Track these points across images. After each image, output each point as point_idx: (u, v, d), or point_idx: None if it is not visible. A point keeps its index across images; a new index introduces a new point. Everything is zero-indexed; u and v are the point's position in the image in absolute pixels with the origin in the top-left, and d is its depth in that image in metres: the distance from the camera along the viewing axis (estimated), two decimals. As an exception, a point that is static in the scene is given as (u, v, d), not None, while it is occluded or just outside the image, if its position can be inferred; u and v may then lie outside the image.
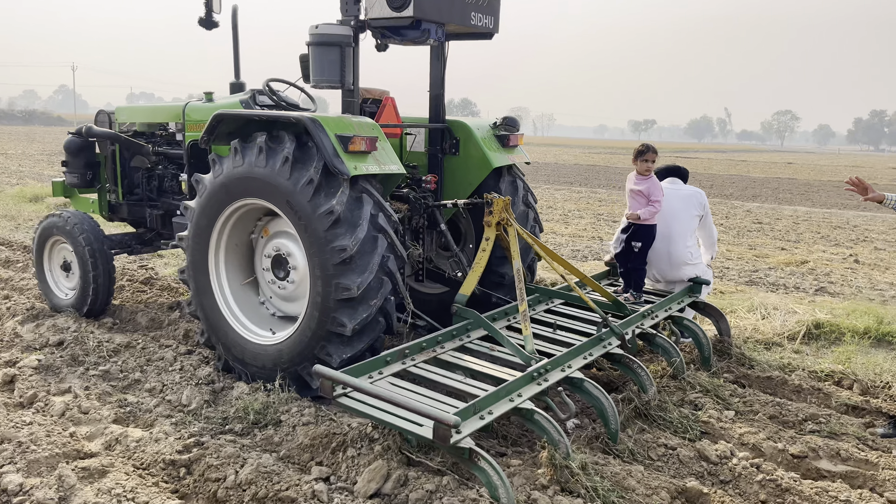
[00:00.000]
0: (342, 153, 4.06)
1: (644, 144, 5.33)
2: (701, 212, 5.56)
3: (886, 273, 10.88)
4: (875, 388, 4.86)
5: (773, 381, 4.91)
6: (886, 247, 13.50)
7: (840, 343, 5.77)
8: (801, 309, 6.32)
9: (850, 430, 4.13)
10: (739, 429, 4.02)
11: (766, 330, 5.93)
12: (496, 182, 5.33)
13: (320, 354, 4.17)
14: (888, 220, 17.79)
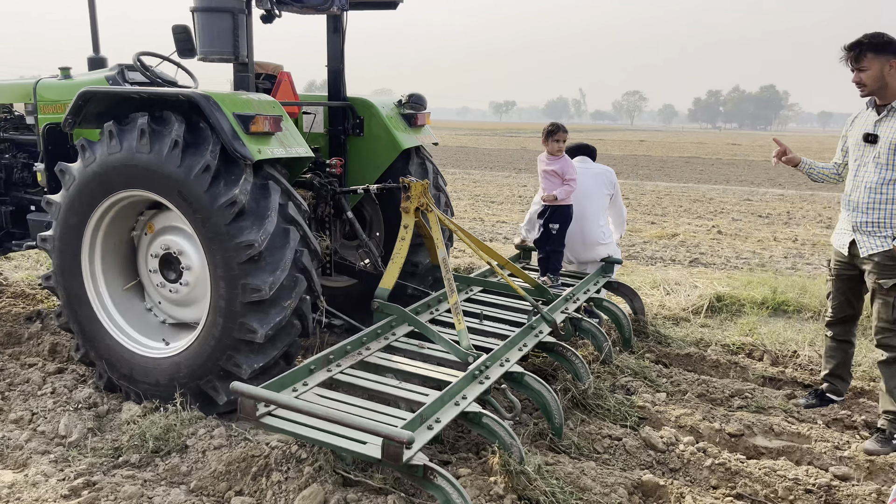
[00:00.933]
0: (243, 135, 3.55)
1: (554, 124, 5.16)
2: (611, 190, 5.48)
3: (747, 242, 11.56)
4: (784, 357, 4.99)
5: (693, 358, 4.92)
6: (742, 217, 14.40)
7: (741, 314, 5.93)
8: (700, 283, 6.45)
9: (776, 404, 4.18)
10: (674, 411, 3.94)
11: (673, 305, 5.99)
12: (405, 164, 4.97)
13: (227, 366, 3.66)
14: (738, 193, 19.09)
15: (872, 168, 3.73)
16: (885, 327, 3.73)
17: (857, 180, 3.82)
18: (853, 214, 3.82)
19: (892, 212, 3.68)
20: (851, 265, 3.93)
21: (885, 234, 3.70)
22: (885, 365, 3.77)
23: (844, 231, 3.92)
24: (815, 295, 5.97)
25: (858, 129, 3.86)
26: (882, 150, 3.68)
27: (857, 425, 3.96)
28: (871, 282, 3.78)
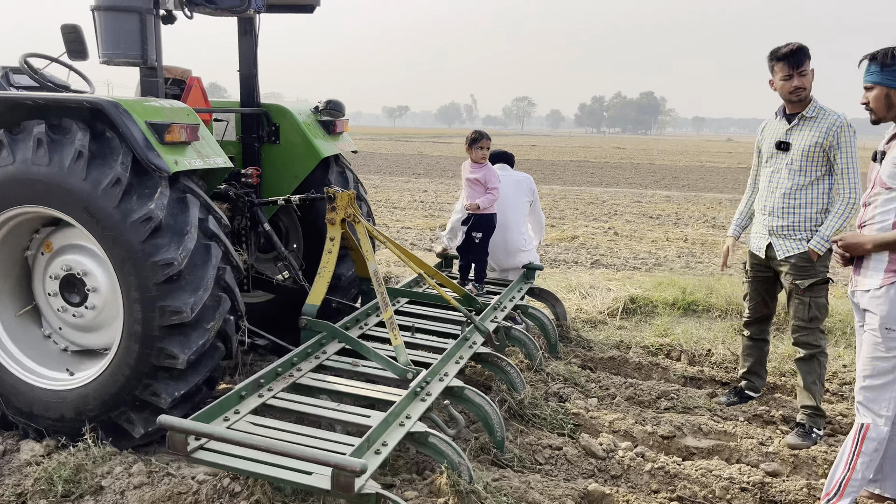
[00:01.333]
0: (157, 145, 3.28)
1: (477, 132, 5.12)
2: (531, 197, 5.51)
3: (642, 243, 12.03)
4: (700, 357, 5.17)
5: (616, 361, 5.01)
6: (635, 219, 15.00)
7: (655, 315, 6.11)
8: (614, 286, 6.61)
9: (700, 403, 4.30)
10: (607, 416, 3.98)
11: (590, 309, 6.10)
12: (324, 173, 4.78)
13: (143, 395, 3.36)
14: (628, 195, 19.89)
15: (786, 174, 3.91)
16: (802, 326, 3.92)
17: (771, 186, 3.99)
18: (769, 219, 3.99)
19: (807, 215, 3.86)
20: (767, 267, 4.10)
21: (801, 237, 3.88)
22: (802, 362, 3.95)
23: (761, 235, 4.09)
24: (722, 294, 6.24)
25: (770, 137, 4.03)
26: (795, 157, 3.86)
27: (775, 420, 4.14)
28: (787, 283, 3.96)
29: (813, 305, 3.87)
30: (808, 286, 3.85)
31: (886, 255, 2.97)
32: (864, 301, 3.06)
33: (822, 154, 3.80)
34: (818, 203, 3.86)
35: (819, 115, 3.82)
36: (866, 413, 3.02)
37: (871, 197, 3.07)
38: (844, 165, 3.75)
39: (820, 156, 3.80)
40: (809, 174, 3.84)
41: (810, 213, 3.86)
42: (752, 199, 4.27)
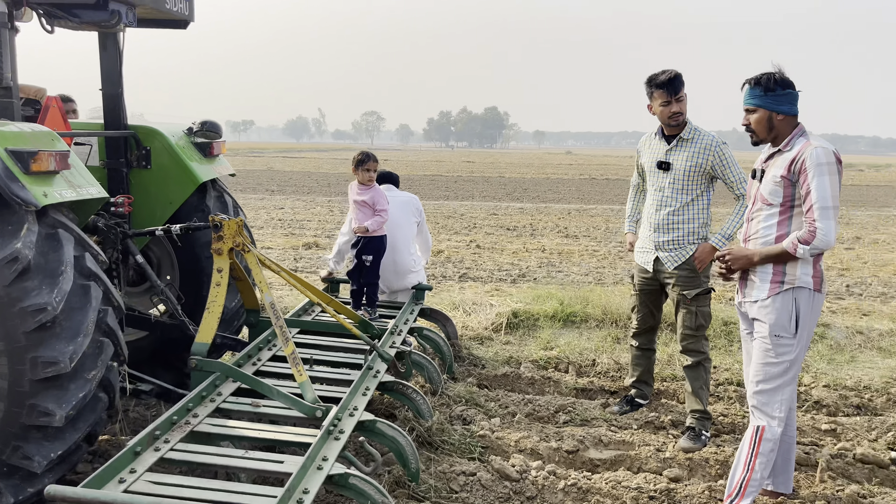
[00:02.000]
0: (21, 175, 2.89)
1: (364, 153, 5.01)
2: (419, 217, 5.46)
3: (504, 254, 12.38)
4: (586, 367, 5.35)
5: (510, 378, 5.06)
6: (494, 231, 15.42)
7: (537, 328, 6.26)
8: (496, 301, 6.70)
9: (596, 414, 4.43)
10: (512, 436, 4.00)
11: (475, 325, 6.14)
12: (201, 199, 4.46)
13: (12, 460, 2.93)
14: (484, 208, 20.42)
15: (670, 193, 4.13)
16: (690, 334, 4.15)
17: (656, 204, 4.20)
18: (655, 235, 4.20)
19: (690, 230, 4.11)
20: (655, 280, 4.31)
21: (686, 249, 4.12)
22: (690, 369, 4.18)
23: (647, 250, 4.29)
24: (597, 305, 6.51)
25: (650, 157, 4.25)
26: (677, 177, 4.09)
27: (665, 425, 4.35)
28: (675, 294, 4.18)
29: (699, 314, 4.11)
30: (694, 296, 4.09)
31: (771, 268, 3.20)
32: (753, 311, 3.28)
33: (702, 173, 4.06)
34: (700, 218, 4.11)
35: (695, 136, 4.08)
36: (761, 416, 3.24)
37: (754, 213, 3.31)
38: (736, 177, 4.03)
39: (700, 175, 4.06)
40: (691, 192, 4.08)
41: (694, 228, 4.10)
42: (636, 198, 4.54)
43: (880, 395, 4.81)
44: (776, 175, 3.17)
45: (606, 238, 14.60)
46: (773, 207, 3.20)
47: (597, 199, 24.49)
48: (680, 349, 4.24)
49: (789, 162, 3.13)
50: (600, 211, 20.04)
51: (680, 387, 4.90)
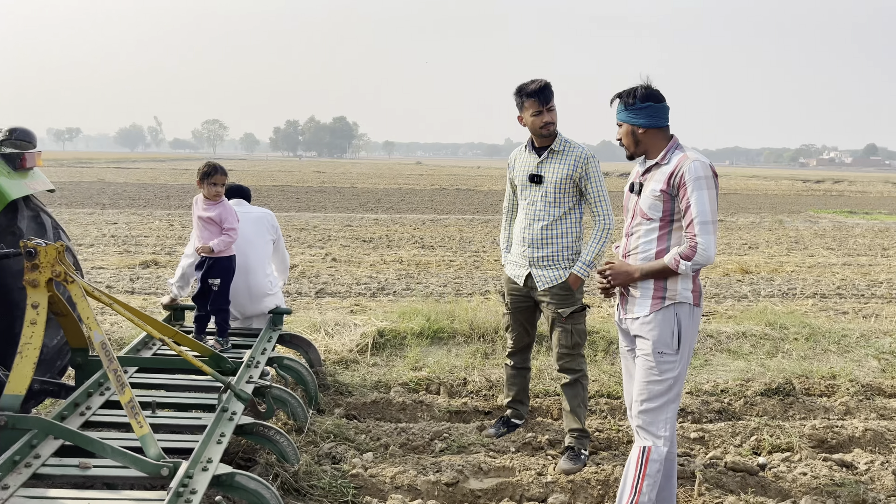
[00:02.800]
0: None
1: (210, 164, 4.49)
2: (274, 235, 4.99)
3: (361, 267, 12.06)
4: (458, 387, 5.13)
5: (380, 405, 4.73)
6: (350, 244, 15.03)
7: (404, 347, 5.97)
8: (359, 320, 6.34)
9: (473, 439, 4.21)
10: (387, 472, 3.67)
11: (338, 348, 5.74)
12: (11, 221, 3.78)
13: None
14: (338, 219, 19.95)
15: (542, 206, 3.99)
16: (566, 353, 4.03)
17: (529, 218, 4.05)
18: (529, 250, 4.04)
19: (564, 245, 3.99)
20: (528, 297, 4.16)
21: (561, 266, 3.99)
22: (567, 387, 4.06)
23: (520, 265, 4.13)
24: (464, 319, 6.33)
25: (522, 171, 4.10)
26: (549, 190, 3.96)
27: (543, 445, 4.20)
28: (549, 312, 4.04)
29: (575, 332, 4.00)
30: (570, 314, 3.97)
31: (652, 283, 3.12)
32: (635, 328, 3.19)
33: (573, 185, 3.96)
34: (574, 232, 4.01)
35: (566, 148, 3.97)
36: (646, 436, 3.14)
37: (634, 227, 3.22)
38: (596, 194, 3.95)
39: (571, 187, 3.95)
40: (564, 205, 3.97)
41: (568, 242, 3.99)
42: (510, 226, 4.33)
43: (737, 398, 4.97)
44: (655, 189, 3.10)
45: (462, 248, 14.65)
46: (653, 222, 3.13)
47: (449, 209, 24.74)
48: (557, 368, 4.11)
49: (668, 175, 3.07)
50: (454, 221, 20.19)
51: (554, 402, 4.80)
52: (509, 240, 4.32)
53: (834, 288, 10.63)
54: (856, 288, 10.68)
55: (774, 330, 6.49)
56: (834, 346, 6.23)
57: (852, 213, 26.08)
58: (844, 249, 15.42)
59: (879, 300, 9.80)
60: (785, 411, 4.80)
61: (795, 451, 4.10)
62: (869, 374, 5.57)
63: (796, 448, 4.13)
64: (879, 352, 6.00)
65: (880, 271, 12.45)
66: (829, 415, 4.76)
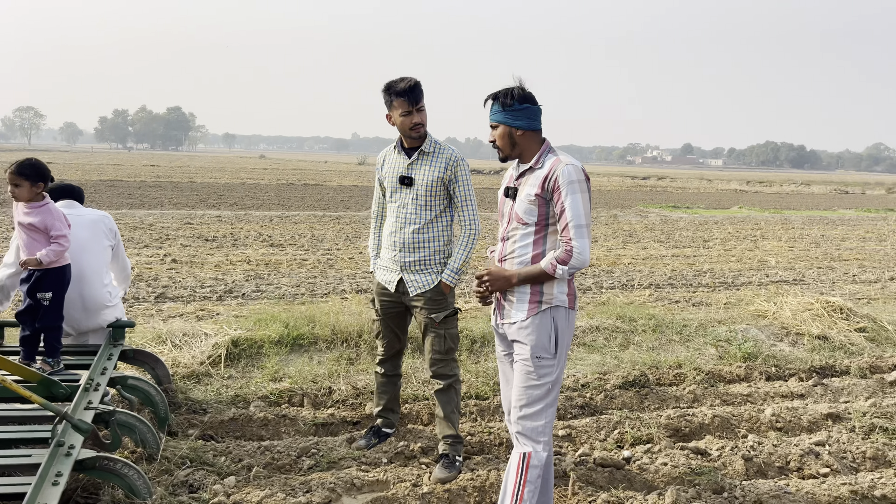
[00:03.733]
0: None
1: (30, 161, 3.92)
2: (113, 240, 4.46)
3: (205, 268, 11.41)
4: (322, 397, 4.88)
5: (239, 422, 4.38)
6: (191, 243, 14.16)
7: (262, 357, 5.61)
8: (210, 329, 5.88)
9: (344, 453, 4.00)
10: (252, 496, 3.39)
11: (188, 361, 5.28)
12: None
13: None
14: (176, 217, 18.73)
15: (413, 209, 3.86)
16: (440, 358, 3.92)
17: (399, 222, 3.90)
18: (400, 255, 3.90)
19: (435, 248, 3.87)
20: (399, 302, 4.02)
21: (432, 271, 3.88)
22: (440, 393, 3.96)
23: (391, 269, 3.97)
24: (325, 324, 6.07)
25: (391, 172, 3.94)
26: (420, 192, 3.83)
27: (416, 454, 4.08)
28: (422, 317, 3.92)
29: (448, 337, 3.90)
30: (444, 318, 3.87)
31: (529, 288, 3.09)
32: (512, 332, 3.14)
33: (443, 188, 3.86)
34: (445, 236, 3.92)
35: (436, 149, 3.86)
36: (526, 442, 3.11)
37: (509, 232, 3.18)
38: (464, 198, 3.87)
39: (442, 190, 3.85)
40: (435, 208, 3.86)
41: (439, 246, 3.89)
42: (379, 232, 4.16)
43: (598, 392, 5.13)
44: (530, 194, 3.07)
45: (313, 246, 14.25)
46: (529, 226, 3.09)
47: (298, 205, 24.07)
48: (430, 374, 4.01)
49: (542, 180, 3.04)
50: (303, 217, 19.62)
51: (424, 407, 4.70)
52: (378, 245, 4.15)
53: (666, 278, 11.42)
54: (685, 278, 11.55)
55: (625, 323, 6.81)
56: (677, 336, 6.65)
57: (676, 207, 28.34)
58: (672, 242, 16.66)
59: (706, 288, 10.65)
60: (641, 402, 5.02)
61: (655, 442, 4.28)
62: (709, 361, 5.97)
63: (656, 439, 4.32)
64: (716, 340, 6.47)
65: (704, 262, 13.55)
66: (679, 403, 5.04)
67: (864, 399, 5.14)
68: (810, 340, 6.58)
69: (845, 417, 4.69)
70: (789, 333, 6.82)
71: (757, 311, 7.43)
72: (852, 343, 6.56)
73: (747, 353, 6.03)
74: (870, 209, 30.57)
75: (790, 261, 13.92)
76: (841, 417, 4.69)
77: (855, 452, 4.15)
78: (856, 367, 5.83)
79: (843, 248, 16.09)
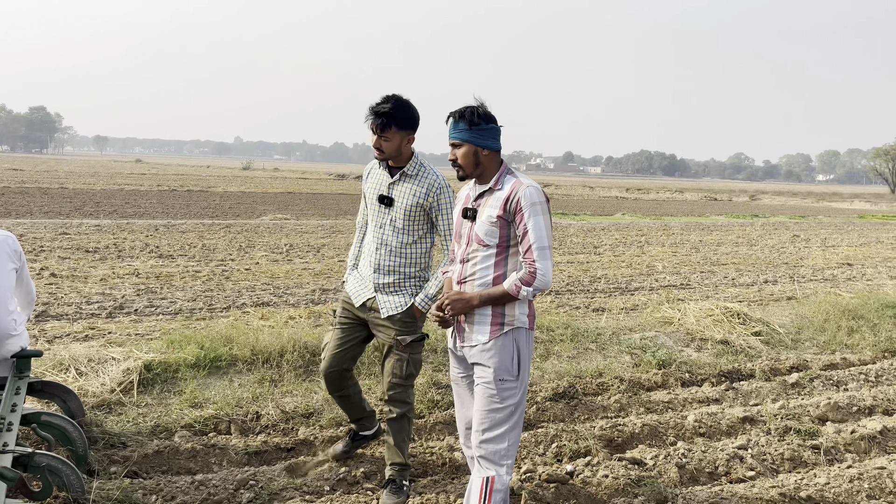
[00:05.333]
0: None
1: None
2: (17, 262, 4.04)
3: (89, 283, 10.67)
4: (250, 423, 4.65)
5: (165, 455, 4.08)
6: (70, 255, 13.19)
7: (178, 381, 5.27)
8: (118, 353, 5.45)
9: (284, 483, 3.82)
10: (193, 537, 3.18)
11: (96, 389, 4.87)
12: None
13: None
14: (49, 226, 17.42)
15: (391, 232, 3.76)
16: (398, 383, 3.79)
17: (377, 241, 3.80)
18: (376, 276, 3.79)
19: (410, 273, 3.78)
20: (359, 319, 3.91)
21: (407, 293, 3.78)
22: (393, 422, 3.83)
23: (364, 287, 3.86)
24: (244, 344, 5.76)
25: (373, 188, 3.85)
26: (398, 216, 3.73)
27: (359, 479, 3.97)
28: (387, 338, 3.79)
29: (410, 362, 3.79)
30: (410, 342, 3.77)
31: (491, 310, 3.07)
32: (473, 355, 3.11)
33: (423, 214, 3.76)
34: (421, 261, 3.83)
35: (420, 172, 3.76)
36: (489, 466, 3.07)
37: (469, 254, 3.14)
38: (446, 226, 3.77)
39: (421, 215, 3.76)
40: (413, 233, 3.77)
41: (414, 271, 3.80)
42: (359, 244, 4.07)
43: (529, 405, 5.18)
44: (492, 215, 3.05)
45: (206, 256, 13.62)
46: (490, 248, 3.08)
47: (183, 212, 22.99)
48: (385, 399, 3.87)
49: (504, 201, 3.04)
50: (191, 226, 18.71)
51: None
52: (358, 257, 4.05)
53: (564, 284, 11.77)
54: (581, 284, 11.94)
55: (543, 332, 6.93)
56: (593, 344, 6.84)
57: (564, 214, 29.35)
58: (565, 248, 17.22)
59: (602, 294, 11.06)
60: (572, 413, 5.12)
61: (593, 454, 4.37)
62: (627, 369, 6.19)
63: (593, 451, 4.41)
64: (630, 347, 6.71)
65: (597, 268, 14.09)
66: (608, 413, 5.18)
67: (771, 401, 5.49)
68: (714, 345, 6.97)
69: (759, 420, 4.97)
70: (694, 339, 7.19)
71: (663, 318, 7.78)
72: (751, 346, 7.01)
73: (661, 360, 6.30)
74: (738, 215, 32.92)
75: (675, 265, 14.71)
76: (755, 420, 4.98)
77: (774, 454, 4.41)
78: (759, 371, 6.22)
79: (720, 253, 17.19)
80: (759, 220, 29.79)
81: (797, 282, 12.94)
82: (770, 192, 64.97)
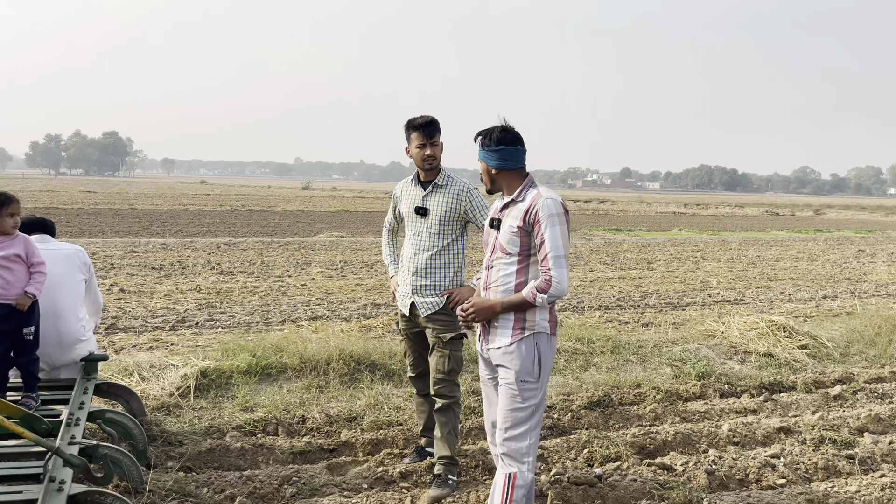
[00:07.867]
0: None
1: (3, 194, 3.90)
2: (87, 273, 4.44)
3: (155, 298, 11.22)
4: (297, 425, 4.93)
5: (216, 453, 4.39)
6: (138, 272, 13.88)
7: (231, 387, 5.61)
8: (177, 360, 5.84)
9: (325, 480, 4.07)
10: (240, 527, 3.44)
11: (157, 393, 5.26)
12: None
13: None
14: (120, 245, 18.34)
15: (427, 237, 4.14)
16: (442, 378, 4.11)
17: (415, 248, 4.18)
18: (414, 279, 4.16)
19: (446, 274, 4.15)
20: (416, 324, 4.24)
21: (440, 293, 4.12)
22: (439, 413, 4.13)
23: (405, 294, 4.23)
24: (293, 353, 6.10)
25: (408, 203, 4.24)
26: (433, 222, 4.12)
27: (395, 479, 4.15)
28: (432, 337, 4.15)
29: (452, 358, 4.11)
30: (451, 339, 4.07)
31: (513, 315, 3.26)
32: (497, 357, 3.30)
33: (457, 218, 4.15)
34: (456, 262, 4.18)
35: (448, 182, 4.17)
36: (511, 462, 3.25)
37: (493, 261, 3.35)
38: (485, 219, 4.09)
39: (455, 220, 4.14)
40: (448, 236, 4.14)
41: (449, 271, 4.15)
42: (391, 240, 4.56)
43: (564, 412, 5.32)
44: (513, 225, 3.26)
45: (264, 273, 14.14)
46: (512, 256, 3.28)
47: (244, 231, 23.81)
48: (433, 392, 4.17)
49: (524, 213, 3.24)
50: (251, 244, 19.41)
51: (398, 433, 4.79)
52: (393, 255, 4.52)
53: (614, 300, 11.76)
54: (632, 299, 11.91)
55: (584, 345, 7.05)
56: (633, 356, 6.91)
57: (619, 230, 29.16)
58: (617, 264, 17.15)
59: (652, 309, 11.02)
60: (606, 421, 5.23)
61: (623, 460, 4.48)
62: (666, 381, 6.24)
63: (623, 456, 4.52)
64: (671, 360, 6.75)
65: (649, 283, 14.00)
66: (642, 421, 5.26)
67: (811, 413, 5.47)
68: (757, 358, 6.95)
69: (796, 431, 4.98)
70: (738, 352, 7.18)
71: (707, 331, 7.78)
72: (796, 360, 6.95)
73: (701, 371, 6.33)
74: (800, 230, 32.05)
75: (730, 281, 14.50)
76: (792, 431, 4.99)
77: (807, 464, 4.43)
78: (801, 383, 6.18)
79: (779, 269, 16.84)
80: (822, 235, 28.96)
81: (858, 297, 12.59)
82: (837, 207, 62.86)
